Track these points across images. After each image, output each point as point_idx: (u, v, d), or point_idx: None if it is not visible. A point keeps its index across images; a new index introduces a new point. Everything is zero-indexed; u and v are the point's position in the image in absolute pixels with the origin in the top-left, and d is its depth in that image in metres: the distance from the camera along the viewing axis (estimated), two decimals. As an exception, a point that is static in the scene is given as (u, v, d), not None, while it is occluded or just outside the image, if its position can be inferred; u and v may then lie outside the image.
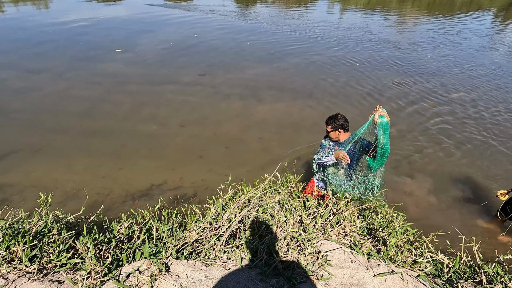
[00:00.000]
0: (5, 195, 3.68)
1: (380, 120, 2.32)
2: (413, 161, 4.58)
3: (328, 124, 2.66)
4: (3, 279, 1.60)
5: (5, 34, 10.20)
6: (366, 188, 2.70)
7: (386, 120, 2.32)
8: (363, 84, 7.32)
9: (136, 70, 7.68)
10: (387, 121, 2.32)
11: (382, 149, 2.39)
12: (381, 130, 2.33)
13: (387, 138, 2.34)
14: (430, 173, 4.32)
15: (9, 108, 5.69)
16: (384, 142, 2.35)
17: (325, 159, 2.73)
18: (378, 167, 2.54)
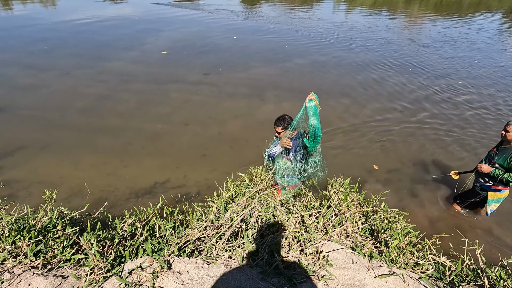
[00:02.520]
0: (12, 190, 3.74)
1: (309, 104, 2.57)
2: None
3: (278, 126, 2.83)
4: (9, 273, 1.63)
5: (13, 31, 10.33)
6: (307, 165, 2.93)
7: (314, 104, 2.57)
8: (368, 84, 7.29)
9: (141, 69, 7.73)
10: (315, 105, 2.58)
11: (313, 130, 2.61)
12: (310, 113, 2.58)
13: (316, 120, 2.58)
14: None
15: (17, 105, 5.77)
16: (314, 123, 2.59)
17: (273, 149, 2.95)
18: (312, 146, 2.74)
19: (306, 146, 2.78)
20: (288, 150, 2.91)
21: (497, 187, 3.12)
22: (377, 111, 6.04)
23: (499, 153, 3.05)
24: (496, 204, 3.29)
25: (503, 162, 2.98)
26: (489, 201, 3.23)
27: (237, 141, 4.98)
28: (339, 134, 5.24)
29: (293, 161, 2.93)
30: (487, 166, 3.10)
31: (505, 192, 3.16)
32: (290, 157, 2.94)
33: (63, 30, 10.85)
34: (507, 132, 2.90)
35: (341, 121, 5.67)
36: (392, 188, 4.01)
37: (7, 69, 7.29)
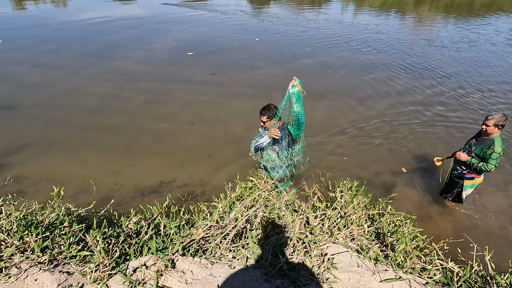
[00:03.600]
0: (21, 187, 3.79)
1: (292, 90, 2.52)
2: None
3: (264, 115, 2.81)
4: (16, 268, 1.65)
5: (25, 30, 10.52)
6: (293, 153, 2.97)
7: (297, 90, 2.53)
8: (377, 84, 7.22)
9: (148, 68, 7.79)
10: (298, 90, 2.53)
11: (296, 117, 2.60)
12: (293, 99, 2.54)
13: (299, 106, 2.56)
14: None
15: (26, 103, 5.86)
16: (297, 110, 2.57)
17: (261, 140, 2.95)
18: (297, 133, 2.76)
19: (291, 134, 2.80)
20: (275, 141, 2.90)
21: (471, 175, 3.35)
22: (384, 112, 5.97)
23: (477, 144, 3.25)
24: (470, 189, 3.54)
25: (479, 152, 3.19)
26: (464, 187, 3.49)
27: (243, 141, 4.97)
28: (346, 135, 5.20)
29: (280, 151, 2.94)
30: (465, 154, 3.30)
31: (478, 179, 3.40)
32: (277, 148, 2.94)
33: (73, 29, 11.00)
34: (487, 126, 3.07)
35: (348, 121, 5.62)
36: (397, 190, 3.96)
37: (18, 67, 7.42)
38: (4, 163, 4.17)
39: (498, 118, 3.01)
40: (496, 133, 3.09)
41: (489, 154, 3.09)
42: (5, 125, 5.12)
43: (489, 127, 3.05)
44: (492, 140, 3.09)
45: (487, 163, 3.11)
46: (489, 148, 3.09)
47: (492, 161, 3.07)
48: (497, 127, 3.04)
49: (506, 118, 3.03)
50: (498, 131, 3.07)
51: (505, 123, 3.04)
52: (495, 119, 3.01)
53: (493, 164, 3.07)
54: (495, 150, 3.04)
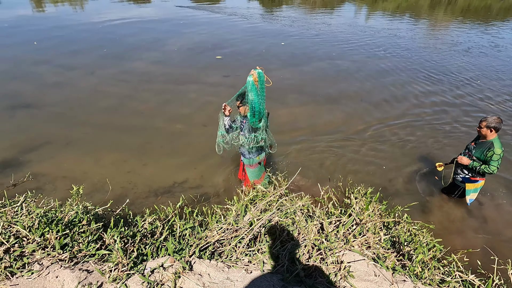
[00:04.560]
0: (39, 183, 3.89)
1: (248, 78, 2.61)
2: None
3: (238, 100, 3.02)
4: (38, 265, 1.69)
5: (45, 32, 10.83)
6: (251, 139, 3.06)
7: (251, 80, 2.60)
8: (388, 90, 7.13)
9: (162, 69, 7.91)
10: (252, 80, 2.60)
11: (251, 104, 2.67)
12: (248, 87, 2.62)
13: (254, 95, 2.63)
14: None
15: (45, 102, 6.03)
16: (251, 98, 2.64)
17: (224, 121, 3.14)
18: (252, 120, 2.83)
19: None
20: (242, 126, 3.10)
21: (475, 178, 3.43)
22: (400, 117, 5.88)
23: (476, 147, 3.35)
24: (474, 194, 3.57)
25: (479, 155, 3.28)
26: (467, 191, 3.56)
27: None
28: (360, 139, 5.15)
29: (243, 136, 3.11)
30: (467, 158, 3.39)
31: (481, 182, 3.46)
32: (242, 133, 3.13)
33: (90, 31, 11.27)
34: (481, 128, 3.20)
35: (363, 125, 5.56)
36: (413, 198, 3.88)
37: (38, 67, 7.64)
38: (24, 160, 4.29)
39: (490, 120, 3.13)
40: (493, 136, 3.20)
41: (490, 156, 3.17)
42: (26, 123, 5.27)
43: (482, 129, 3.18)
44: (491, 142, 3.19)
45: (489, 165, 3.19)
46: (489, 150, 3.18)
47: (494, 162, 3.15)
48: (489, 129, 3.15)
49: (500, 121, 3.13)
50: (493, 133, 3.18)
51: (499, 126, 3.13)
52: (487, 121, 3.14)
53: (495, 166, 3.15)
54: (495, 151, 3.13)
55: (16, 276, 1.61)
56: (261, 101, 2.73)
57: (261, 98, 2.71)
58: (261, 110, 2.77)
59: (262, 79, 2.69)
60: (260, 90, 2.70)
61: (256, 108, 2.71)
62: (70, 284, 1.58)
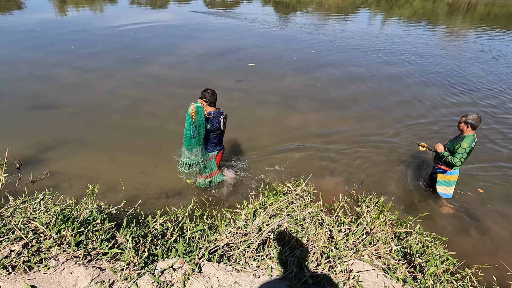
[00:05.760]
0: (56, 181, 4.02)
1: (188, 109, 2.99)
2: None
3: (200, 97, 3.29)
4: (54, 260, 1.75)
5: (66, 35, 11.25)
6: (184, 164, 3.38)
7: (189, 111, 2.98)
8: (402, 97, 7.03)
9: (176, 73, 8.06)
10: (188, 111, 2.98)
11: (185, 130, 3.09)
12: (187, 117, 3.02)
13: (187, 125, 3.04)
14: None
15: (64, 102, 6.24)
16: (185, 126, 3.05)
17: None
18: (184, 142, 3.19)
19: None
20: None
21: (442, 167, 3.67)
22: (411, 126, 5.78)
23: (452, 140, 3.64)
24: (447, 187, 3.78)
25: (450, 146, 3.56)
26: (438, 181, 3.79)
27: (265, 149, 5.00)
28: (372, 147, 5.09)
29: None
30: (442, 146, 3.63)
31: (452, 175, 3.67)
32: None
33: (108, 35, 11.63)
34: (460, 123, 3.44)
35: (376, 133, 5.50)
36: (427, 209, 3.79)
37: (59, 69, 7.94)
38: (43, 158, 4.45)
39: (470, 118, 3.35)
40: (468, 132, 3.41)
41: (456, 149, 3.43)
42: (46, 123, 5.47)
43: (461, 124, 3.43)
44: (463, 137, 3.42)
45: (453, 157, 3.45)
46: (458, 143, 3.44)
47: (458, 155, 3.40)
48: (466, 125, 3.37)
49: (479, 120, 3.35)
50: (469, 129, 3.39)
51: (476, 124, 3.34)
52: (466, 117, 3.37)
53: (458, 158, 3.40)
54: (462, 145, 3.37)
55: (33, 270, 1.67)
56: (195, 132, 3.10)
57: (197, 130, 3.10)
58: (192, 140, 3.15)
59: (200, 113, 3.04)
60: (198, 121, 3.06)
61: (187, 135, 3.11)
62: (83, 280, 1.63)
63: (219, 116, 3.30)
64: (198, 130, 3.10)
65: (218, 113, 3.34)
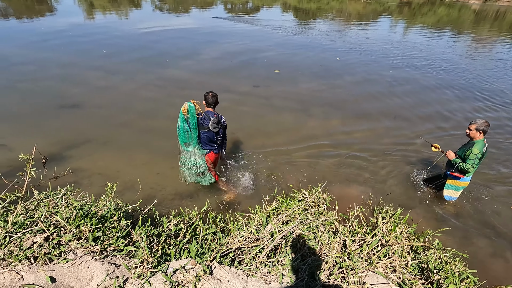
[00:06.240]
0: (77, 178, 4.18)
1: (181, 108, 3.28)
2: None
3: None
4: (73, 254, 1.82)
5: (95, 40, 11.76)
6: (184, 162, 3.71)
7: (181, 110, 3.28)
8: (428, 106, 6.83)
9: (196, 77, 8.23)
10: (181, 110, 3.28)
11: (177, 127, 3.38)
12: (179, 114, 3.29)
13: (179, 121, 3.34)
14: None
15: (90, 103, 6.51)
16: (178, 123, 3.36)
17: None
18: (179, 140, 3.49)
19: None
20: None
21: (454, 174, 3.67)
22: (436, 137, 5.60)
23: (462, 147, 3.66)
24: (454, 192, 3.83)
25: (461, 153, 3.58)
26: (446, 185, 3.83)
27: (281, 155, 4.99)
28: (387, 158, 4.96)
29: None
30: (453, 154, 3.65)
31: (463, 182, 3.69)
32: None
33: (132, 38, 12.07)
34: (470, 130, 3.43)
35: (392, 144, 5.37)
36: (447, 223, 3.64)
37: (86, 71, 8.29)
38: (66, 155, 4.65)
39: (480, 123, 3.35)
40: (479, 138, 3.41)
41: (467, 155, 3.43)
42: (72, 122, 5.72)
43: (471, 131, 3.40)
44: (473, 143, 3.42)
45: (465, 163, 3.44)
46: (469, 149, 3.43)
47: (470, 161, 3.39)
48: (478, 132, 3.37)
49: (488, 125, 3.36)
50: (480, 135, 3.38)
51: (487, 129, 3.36)
52: (477, 124, 3.36)
53: (470, 164, 3.39)
54: (473, 151, 3.37)
55: (53, 262, 1.74)
56: (187, 128, 3.39)
57: (189, 126, 3.39)
58: (185, 134, 3.43)
59: (192, 111, 3.31)
60: (190, 120, 3.36)
61: (181, 131, 3.39)
62: (99, 275, 1.68)
63: (210, 116, 3.56)
64: (190, 126, 3.41)
65: (212, 114, 3.59)
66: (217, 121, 3.62)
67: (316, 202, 2.70)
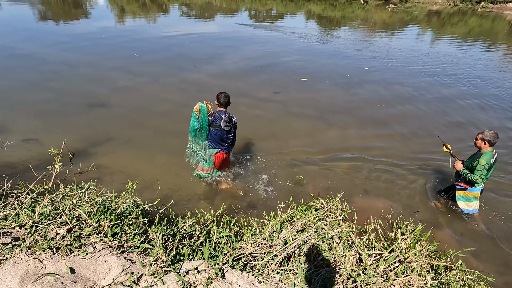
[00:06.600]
0: (99, 174, 4.35)
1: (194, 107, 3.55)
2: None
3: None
4: (92, 247, 1.89)
5: (124, 43, 12.31)
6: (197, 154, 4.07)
7: (194, 108, 3.57)
8: (456, 120, 6.56)
9: (217, 81, 8.37)
10: (194, 110, 3.58)
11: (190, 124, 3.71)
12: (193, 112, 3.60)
13: (192, 119, 3.68)
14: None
15: (112, 102, 6.79)
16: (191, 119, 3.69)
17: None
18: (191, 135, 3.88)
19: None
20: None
21: (460, 184, 3.69)
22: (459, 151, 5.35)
23: (470, 157, 3.64)
24: (466, 203, 3.76)
25: (468, 164, 3.58)
26: (457, 197, 3.80)
27: (298, 162, 4.95)
28: (409, 172, 4.79)
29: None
30: (461, 165, 3.65)
31: (472, 192, 3.66)
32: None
33: (158, 43, 12.50)
34: (476, 140, 3.45)
35: (417, 158, 5.18)
36: (472, 244, 3.44)
37: (113, 72, 8.69)
38: (91, 152, 4.86)
39: (487, 134, 3.35)
40: (486, 149, 3.41)
41: (475, 166, 3.42)
42: (97, 120, 5.99)
43: (477, 141, 3.43)
44: (481, 154, 3.42)
45: (473, 174, 3.43)
46: (476, 160, 3.42)
47: (477, 172, 3.38)
48: (484, 142, 3.37)
49: (496, 137, 3.34)
50: (487, 146, 3.38)
51: (494, 140, 3.34)
52: (483, 134, 3.37)
53: (478, 175, 3.38)
54: (480, 162, 3.35)
55: (73, 254, 1.81)
56: (198, 126, 3.69)
57: (200, 124, 3.69)
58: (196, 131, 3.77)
59: (204, 111, 3.58)
60: (202, 119, 3.64)
61: (191, 128, 3.74)
62: (115, 270, 1.73)
63: (221, 115, 3.73)
64: (201, 124, 3.67)
65: (223, 113, 3.76)
66: (228, 120, 3.75)
67: (334, 212, 2.65)
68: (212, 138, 3.87)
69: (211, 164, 4.03)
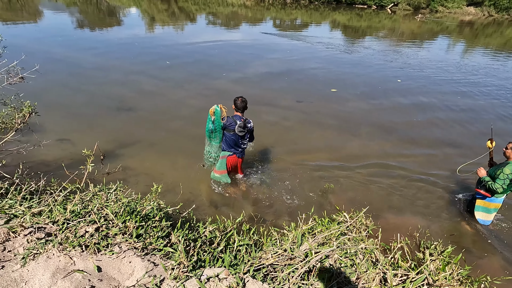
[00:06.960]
0: (125, 175, 4.51)
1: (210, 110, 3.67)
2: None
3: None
4: (118, 247, 1.94)
5: (149, 49, 12.84)
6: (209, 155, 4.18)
7: (210, 111, 3.66)
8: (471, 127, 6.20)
9: (241, 89, 8.48)
10: (209, 113, 3.68)
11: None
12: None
13: (207, 121, 3.78)
14: None
15: (139, 106, 7.06)
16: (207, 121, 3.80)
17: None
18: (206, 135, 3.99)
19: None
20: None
21: (481, 191, 3.59)
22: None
23: (496, 166, 3.56)
24: (486, 214, 3.67)
25: (492, 172, 3.50)
26: (476, 207, 3.71)
27: (320, 172, 4.87)
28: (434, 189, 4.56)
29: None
30: (484, 171, 3.56)
31: (493, 203, 3.56)
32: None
33: (184, 50, 12.92)
34: (506, 149, 3.39)
35: (444, 176, 4.94)
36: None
37: (140, 77, 9.06)
38: (119, 154, 5.05)
39: None
40: None
41: (498, 174, 3.35)
42: (125, 123, 6.24)
43: (507, 150, 3.38)
44: (507, 163, 3.36)
45: (494, 182, 3.36)
46: (500, 169, 3.36)
47: (499, 181, 3.32)
48: None
49: None
50: None
51: None
52: None
53: (500, 184, 3.31)
54: (504, 171, 3.30)
55: (101, 253, 1.88)
56: (212, 128, 3.79)
57: (214, 126, 3.78)
58: (211, 132, 3.86)
59: (217, 114, 3.66)
60: (216, 121, 3.72)
61: (207, 129, 3.83)
62: (139, 271, 1.77)
63: (237, 120, 3.77)
64: (215, 126, 3.77)
65: (239, 118, 3.80)
66: (243, 125, 3.78)
67: (357, 227, 2.57)
68: (227, 142, 3.94)
69: (224, 166, 4.06)
